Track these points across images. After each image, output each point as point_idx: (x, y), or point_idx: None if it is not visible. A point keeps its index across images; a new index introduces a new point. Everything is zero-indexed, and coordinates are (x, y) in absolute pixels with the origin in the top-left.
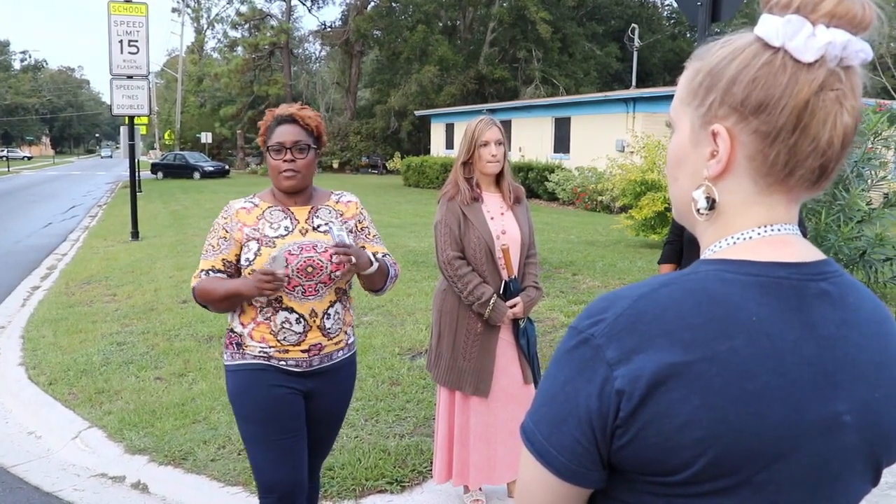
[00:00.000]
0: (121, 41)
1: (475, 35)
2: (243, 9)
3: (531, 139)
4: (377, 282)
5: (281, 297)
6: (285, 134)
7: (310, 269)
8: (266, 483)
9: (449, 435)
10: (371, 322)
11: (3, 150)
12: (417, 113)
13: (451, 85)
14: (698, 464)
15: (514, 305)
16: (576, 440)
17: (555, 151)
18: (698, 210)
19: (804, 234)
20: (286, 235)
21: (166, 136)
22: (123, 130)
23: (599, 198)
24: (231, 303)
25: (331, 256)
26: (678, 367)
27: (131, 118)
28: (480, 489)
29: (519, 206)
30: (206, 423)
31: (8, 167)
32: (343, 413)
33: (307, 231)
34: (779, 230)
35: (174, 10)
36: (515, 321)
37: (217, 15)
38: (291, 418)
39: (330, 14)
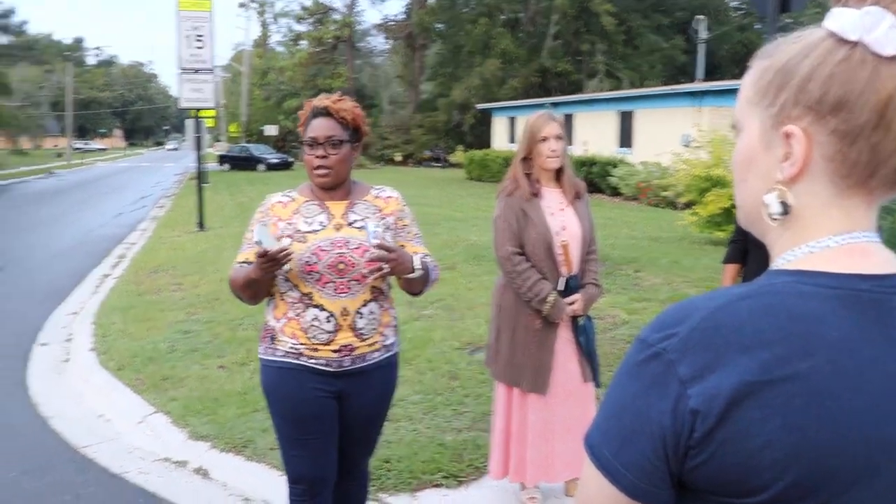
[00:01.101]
0: (188, 36)
1: (538, 28)
2: (307, 3)
3: (595, 133)
4: (416, 285)
5: (312, 293)
6: (319, 128)
7: (341, 266)
8: (292, 474)
9: (506, 431)
10: (431, 316)
11: (78, 143)
12: (479, 107)
13: (513, 78)
14: (777, 486)
15: (573, 302)
16: (646, 458)
17: (619, 146)
18: (770, 215)
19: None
20: (320, 231)
21: (232, 129)
22: (190, 123)
23: (663, 193)
24: (252, 290)
25: (363, 253)
26: (756, 385)
27: (197, 111)
28: (537, 486)
29: (579, 202)
30: (267, 412)
31: (83, 159)
32: (381, 415)
33: (341, 226)
34: (857, 238)
35: (241, 5)
36: (574, 318)
37: (282, 9)
38: (319, 420)
39: (393, 7)
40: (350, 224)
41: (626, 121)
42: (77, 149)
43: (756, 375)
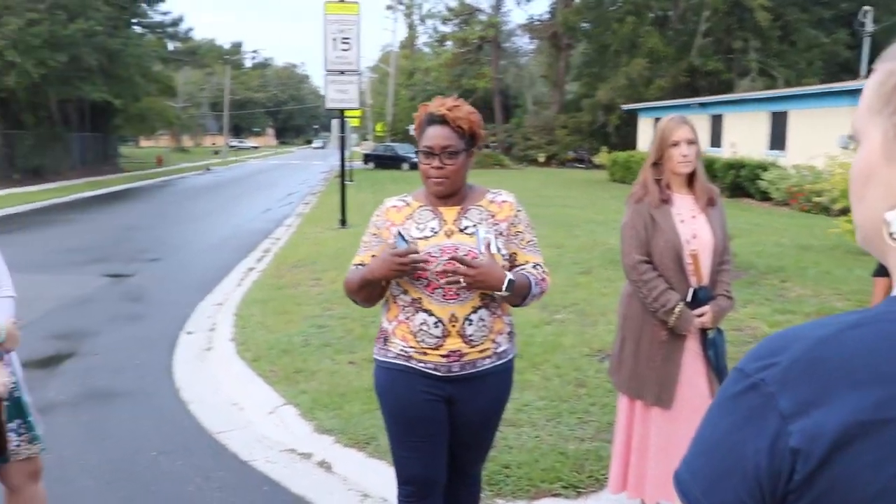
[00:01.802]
0: (334, 39)
1: (687, 25)
2: (453, 4)
3: (744, 135)
4: (511, 300)
5: (421, 298)
6: (435, 137)
7: (450, 273)
8: (402, 475)
9: (627, 444)
10: (563, 320)
11: (233, 141)
12: (625, 107)
13: (661, 78)
14: None
15: (702, 315)
16: (739, 499)
17: (770, 148)
18: (891, 234)
19: None
20: (431, 237)
21: (378, 128)
22: (335, 123)
23: (817, 199)
24: (369, 291)
25: (472, 259)
26: (869, 425)
27: (342, 111)
28: None
29: (713, 209)
30: None
31: (237, 156)
32: (493, 421)
33: (453, 233)
34: None
35: (388, 7)
36: (704, 331)
37: (428, 11)
38: (428, 423)
39: (538, 7)
40: (462, 230)
41: (778, 122)
42: (232, 146)
43: (869, 414)
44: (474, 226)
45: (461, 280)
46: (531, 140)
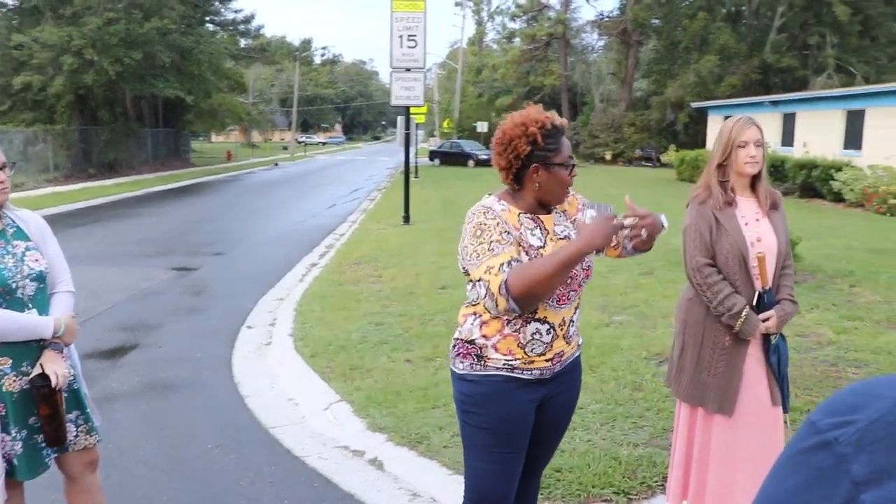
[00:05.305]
0: (401, 36)
1: (761, 21)
2: (522, 0)
3: (818, 134)
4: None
5: (537, 307)
6: (569, 149)
7: (568, 280)
8: (478, 491)
9: (687, 453)
10: (622, 322)
11: (301, 137)
12: (694, 105)
13: (732, 75)
14: None
15: (767, 319)
16: None
17: (844, 147)
18: None
19: None
20: (544, 247)
21: (445, 125)
22: (400, 120)
23: (893, 200)
24: (565, 275)
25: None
26: None
27: (407, 108)
28: None
29: (775, 213)
30: (446, 409)
31: (304, 152)
32: (572, 413)
33: (555, 240)
34: None
35: (457, 3)
36: (766, 336)
37: (497, 7)
38: (522, 434)
39: (608, 3)
40: (561, 237)
41: (854, 120)
42: (300, 142)
43: None
44: (563, 228)
45: (642, 234)
46: (598, 138)
